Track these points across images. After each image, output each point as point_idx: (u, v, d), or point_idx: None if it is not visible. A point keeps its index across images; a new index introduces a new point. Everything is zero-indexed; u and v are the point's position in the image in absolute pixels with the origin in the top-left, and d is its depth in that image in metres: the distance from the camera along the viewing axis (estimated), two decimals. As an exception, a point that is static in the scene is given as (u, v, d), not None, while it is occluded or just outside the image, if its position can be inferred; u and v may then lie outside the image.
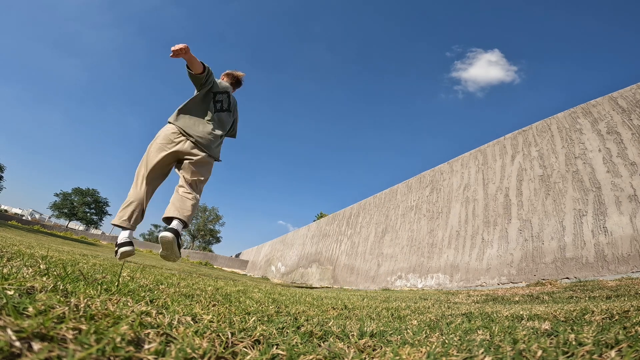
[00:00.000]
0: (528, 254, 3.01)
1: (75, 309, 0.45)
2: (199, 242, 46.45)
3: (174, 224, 1.90)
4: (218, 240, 46.92)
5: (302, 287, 4.49)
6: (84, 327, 0.38)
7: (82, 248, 4.93)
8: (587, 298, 1.52)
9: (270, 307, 0.95)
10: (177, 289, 1.05)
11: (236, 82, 2.58)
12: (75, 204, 43.10)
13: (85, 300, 0.50)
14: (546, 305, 1.34)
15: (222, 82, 2.45)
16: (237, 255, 28.50)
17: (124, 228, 2.00)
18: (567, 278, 2.62)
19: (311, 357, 0.44)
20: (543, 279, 2.76)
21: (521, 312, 1.02)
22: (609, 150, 2.87)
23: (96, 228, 46.67)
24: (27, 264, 0.91)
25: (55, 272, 0.83)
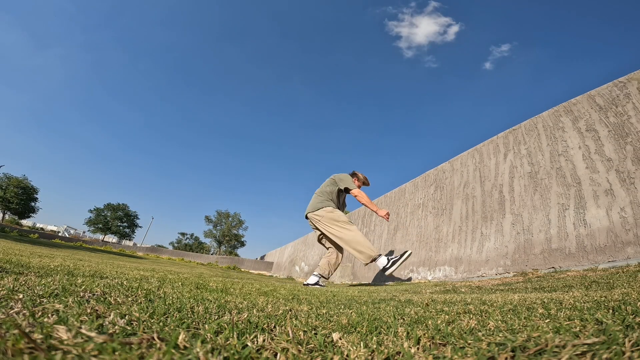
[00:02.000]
0: (520, 246, 3.33)
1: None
2: (225, 247, 48.17)
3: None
4: (243, 244, 48.56)
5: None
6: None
7: (149, 264, 5.56)
8: (538, 288, 1.87)
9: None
10: (255, 290, 1.50)
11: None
12: (108, 218, 45.73)
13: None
14: (501, 293, 1.71)
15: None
16: (262, 257, 29.37)
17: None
18: (553, 267, 2.93)
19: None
20: (533, 269, 3.07)
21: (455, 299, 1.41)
22: (587, 147, 3.13)
23: (129, 240, 49.42)
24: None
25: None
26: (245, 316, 0.81)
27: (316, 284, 3.94)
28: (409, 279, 4.89)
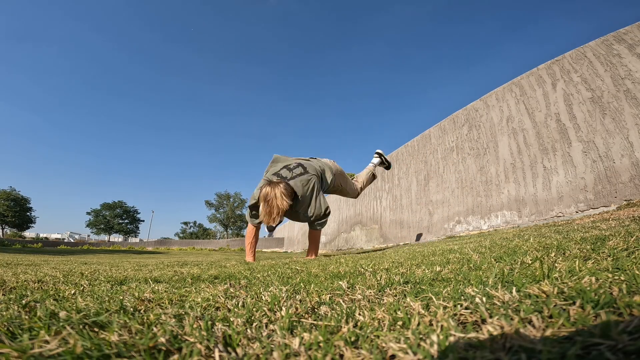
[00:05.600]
0: (601, 175, 3.01)
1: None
2: (231, 229, 47.91)
3: None
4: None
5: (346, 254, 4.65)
6: None
7: (172, 257, 5.23)
8: None
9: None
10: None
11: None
12: (108, 218, 44.88)
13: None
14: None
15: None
16: (270, 234, 29.32)
17: None
18: (650, 191, 2.64)
19: None
20: (625, 200, 2.77)
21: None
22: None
23: (135, 237, 48.64)
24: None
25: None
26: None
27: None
28: (452, 234, 4.63)
